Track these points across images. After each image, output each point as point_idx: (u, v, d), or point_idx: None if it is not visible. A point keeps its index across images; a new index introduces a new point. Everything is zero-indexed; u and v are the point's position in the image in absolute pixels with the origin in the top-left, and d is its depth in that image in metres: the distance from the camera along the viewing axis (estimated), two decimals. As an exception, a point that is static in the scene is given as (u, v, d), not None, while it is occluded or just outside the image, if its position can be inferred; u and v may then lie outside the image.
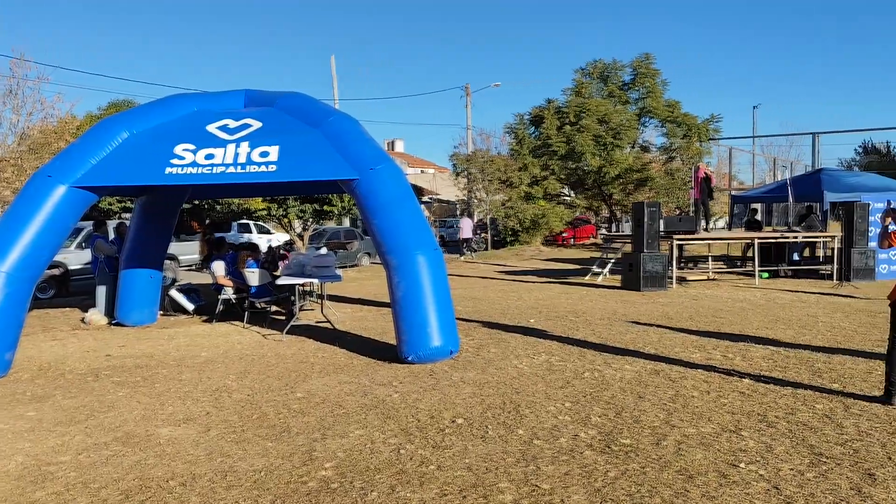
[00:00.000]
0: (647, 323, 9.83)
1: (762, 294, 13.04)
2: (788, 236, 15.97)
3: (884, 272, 15.26)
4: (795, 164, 34.94)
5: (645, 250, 13.67)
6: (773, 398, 5.90)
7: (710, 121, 29.23)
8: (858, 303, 11.73)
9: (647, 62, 29.65)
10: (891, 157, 49.95)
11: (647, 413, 5.53)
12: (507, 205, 27.77)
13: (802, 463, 4.43)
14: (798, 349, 7.89)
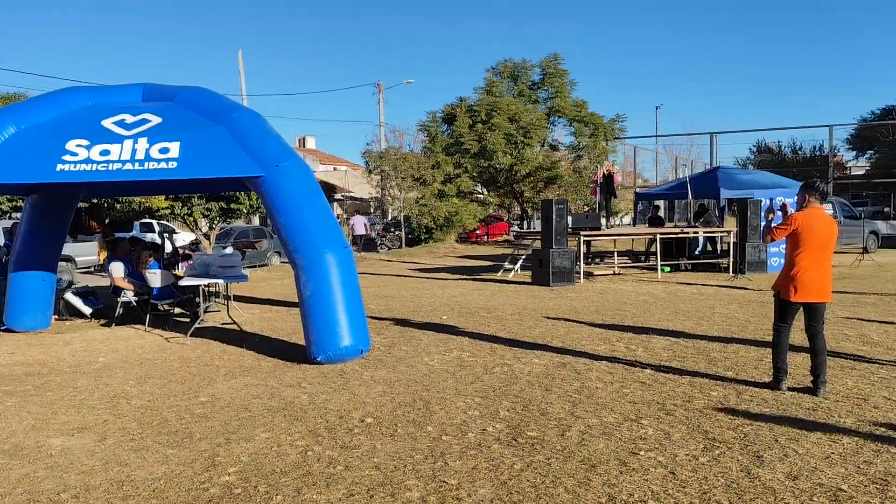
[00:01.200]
0: (556, 317, 10.05)
1: (664, 287, 13.56)
2: (688, 232, 16.68)
3: (775, 265, 16.14)
4: (696, 163, 36.54)
5: (554, 247, 13.97)
6: (672, 387, 6.14)
7: (615, 120, 30.15)
8: (752, 294, 12.37)
9: (556, 62, 30.31)
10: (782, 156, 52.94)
11: (554, 405, 5.65)
12: (421, 202, 27.83)
13: (697, 448, 4.62)
14: (696, 339, 8.24)
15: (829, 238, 5.85)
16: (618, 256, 17.69)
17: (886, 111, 41.01)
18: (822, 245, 5.81)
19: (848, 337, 8.19)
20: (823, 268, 5.84)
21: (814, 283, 5.78)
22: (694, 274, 16.16)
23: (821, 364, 5.84)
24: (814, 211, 5.89)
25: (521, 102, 29.53)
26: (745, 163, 51.20)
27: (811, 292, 5.80)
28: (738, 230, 16.00)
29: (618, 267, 16.89)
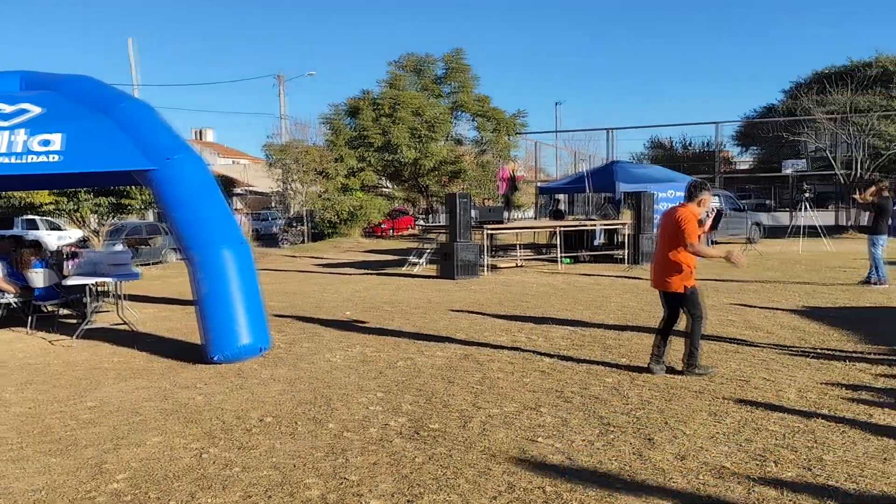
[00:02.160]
0: (460, 310, 10.14)
1: (564, 278, 13.93)
2: (587, 224, 17.20)
3: (667, 255, 16.88)
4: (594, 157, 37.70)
5: (459, 240, 14.09)
6: (569, 375, 6.31)
7: (517, 116, 30.72)
8: (646, 284, 12.85)
9: (459, 57, 30.54)
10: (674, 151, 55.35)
11: (456, 397, 5.69)
12: (325, 196, 27.44)
13: (593, 433, 4.77)
14: (593, 328, 8.51)
15: (663, 229, 6.16)
16: (521, 249, 18.03)
17: (768, 109, 43.52)
18: (661, 236, 6.20)
19: (732, 322, 8.66)
20: (658, 258, 6.21)
21: (652, 272, 6.38)
22: (593, 265, 16.67)
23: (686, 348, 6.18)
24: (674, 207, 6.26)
25: (425, 96, 29.60)
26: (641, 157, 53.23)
27: (652, 280, 6.38)
28: (633, 222, 16.62)
29: (521, 259, 17.22)
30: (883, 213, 11.73)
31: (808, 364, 6.55)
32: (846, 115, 28.56)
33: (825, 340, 7.58)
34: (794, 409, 5.20)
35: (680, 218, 5.94)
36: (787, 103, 36.60)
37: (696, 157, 50.67)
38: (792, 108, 33.51)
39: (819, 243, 20.15)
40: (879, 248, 11.62)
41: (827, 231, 22.13)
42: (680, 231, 5.90)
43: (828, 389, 5.68)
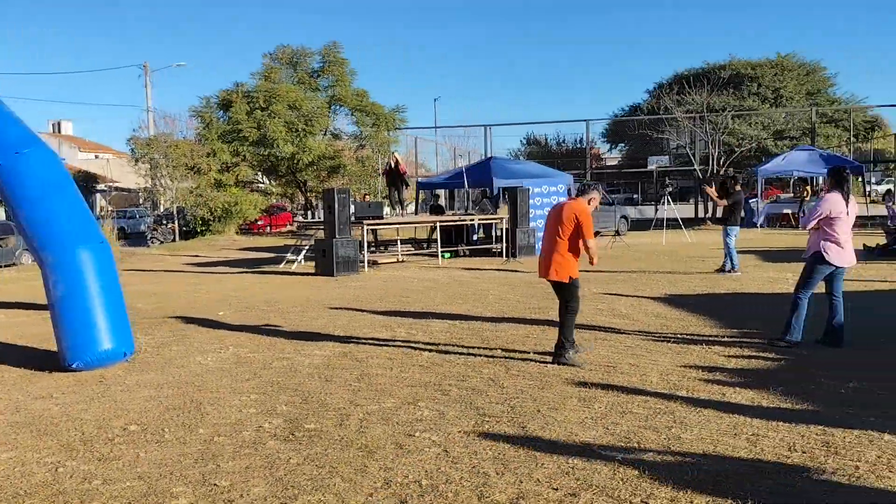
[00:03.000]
0: (339, 307, 10.02)
1: (444, 273, 14.09)
2: (466, 219, 17.46)
3: (542, 248, 17.43)
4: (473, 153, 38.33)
5: (337, 236, 13.92)
6: (448, 368, 6.38)
7: (396, 111, 30.70)
8: (522, 276, 13.24)
9: (335, 50, 30.17)
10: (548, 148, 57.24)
11: (333, 395, 5.62)
12: (196, 192, 26.34)
13: (469, 424, 4.84)
14: (472, 321, 8.65)
15: (554, 222, 6.43)
16: (401, 244, 18.06)
17: (634, 108, 45.86)
18: (551, 228, 6.47)
19: (601, 311, 9.06)
20: (548, 249, 6.46)
21: (540, 263, 6.58)
22: (472, 259, 16.96)
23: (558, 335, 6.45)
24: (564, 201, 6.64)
25: (301, 90, 29.02)
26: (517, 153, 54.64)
27: (540, 271, 6.58)
28: (510, 217, 17.02)
29: (401, 255, 17.24)
30: (735, 206, 12.63)
31: (670, 349, 6.95)
32: (703, 115, 30.56)
33: (685, 326, 8.07)
34: (656, 391, 5.50)
35: (579, 213, 6.27)
36: (651, 103, 38.73)
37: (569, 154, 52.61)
38: (655, 108, 35.53)
39: (680, 235, 21.43)
40: (732, 238, 12.51)
41: (687, 223, 23.59)
42: (579, 225, 6.25)
43: (687, 372, 6.05)
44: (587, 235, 6.27)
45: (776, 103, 39.51)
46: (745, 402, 5.20)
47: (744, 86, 39.87)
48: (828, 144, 37.17)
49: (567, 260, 6.31)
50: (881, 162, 44.62)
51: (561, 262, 6.32)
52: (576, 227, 6.25)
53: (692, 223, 26.96)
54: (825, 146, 35.63)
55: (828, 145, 36.76)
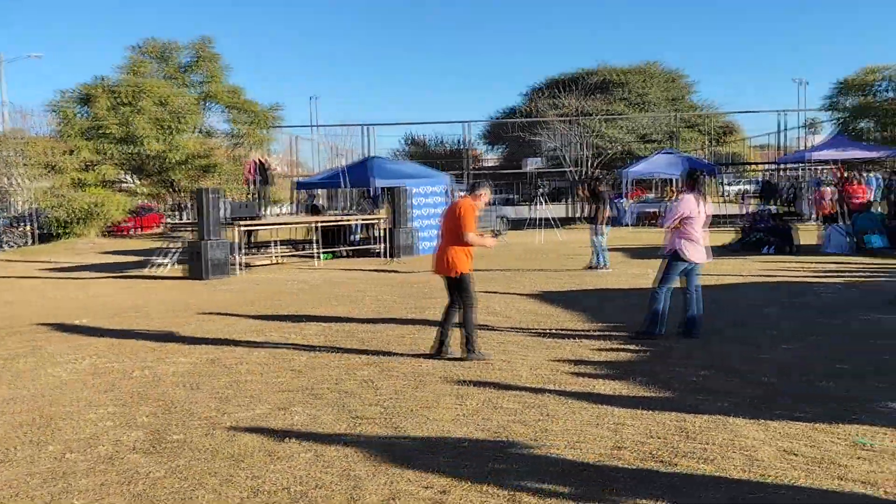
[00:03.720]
0: (210, 312, 9.65)
1: (322, 274, 13.88)
2: (345, 219, 17.28)
3: (423, 248, 17.53)
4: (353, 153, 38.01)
5: (208, 238, 13.40)
6: (322, 372, 6.27)
7: (272, 109, 29.91)
8: (402, 276, 13.26)
9: (207, 45, 29.02)
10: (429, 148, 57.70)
11: (200, 404, 5.39)
12: (54, 193, 24.57)
13: (343, 428, 4.78)
14: (348, 322, 8.56)
15: (448, 220, 6.65)
16: (278, 246, 17.63)
17: (511, 111, 47.07)
18: (445, 226, 6.67)
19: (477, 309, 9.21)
20: (442, 246, 6.64)
21: (435, 260, 6.74)
22: (352, 260, 16.81)
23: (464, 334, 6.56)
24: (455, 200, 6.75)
25: (170, 85, 27.71)
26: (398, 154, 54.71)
27: (434, 268, 6.75)
28: (390, 217, 17.00)
29: (278, 256, 16.84)
30: (603, 206, 13.20)
31: (541, 344, 7.16)
32: (575, 118, 31.78)
33: (556, 322, 8.34)
34: (527, 386, 5.65)
35: (461, 209, 6.47)
36: (527, 106, 39.87)
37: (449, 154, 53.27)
38: (530, 111, 36.58)
39: (554, 234, 22.17)
40: (603, 236, 13.07)
41: (561, 222, 24.44)
42: (460, 221, 6.42)
43: (557, 366, 6.25)
44: (466, 228, 6.43)
45: (642, 108, 41.71)
46: (610, 392, 5.43)
47: (613, 91, 41.84)
48: (688, 148, 39.64)
49: (458, 255, 6.49)
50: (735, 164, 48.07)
51: (453, 258, 6.50)
52: (460, 224, 6.45)
53: (566, 222, 27.97)
54: (686, 149, 37.98)
55: (688, 148, 39.21)
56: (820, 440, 4.29)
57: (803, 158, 27.51)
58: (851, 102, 27.56)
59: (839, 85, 28.05)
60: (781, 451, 4.13)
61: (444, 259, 6.57)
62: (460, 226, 6.44)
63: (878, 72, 26.58)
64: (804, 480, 3.72)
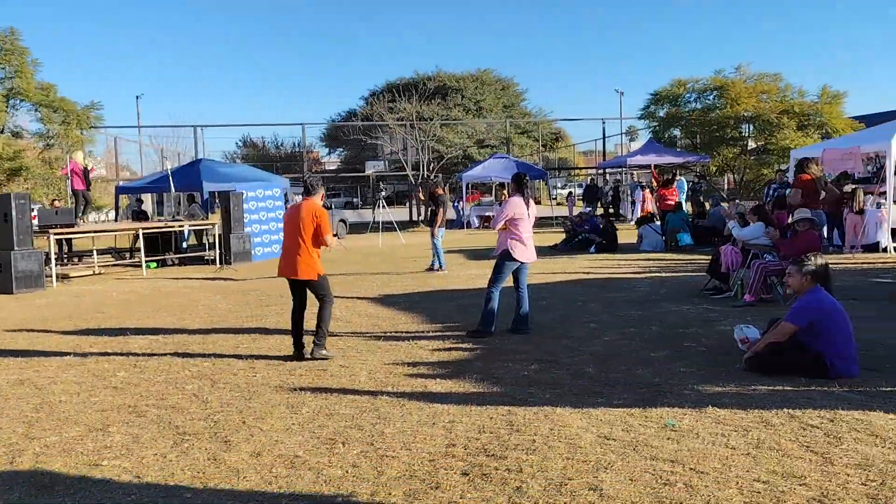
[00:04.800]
0: (18, 329, 8.79)
1: (149, 284, 13.07)
2: (174, 225, 16.40)
3: (258, 254, 17.03)
4: (183, 155, 36.20)
5: (16, 248, 12.20)
6: (146, 388, 5.90)
7: (90, 108, 27.79)
8: (236, 284, 12.78)
9: (13, 38, 26.43)
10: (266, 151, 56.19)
11: (5, 430, 4.89)
12: None
13: (167, 445, 4.52)
14: (177, 334, 8.12)
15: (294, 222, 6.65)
16: (98, 255, 16.40)
17: (350, 114, 46.85)
18: (291, 228, 6.69)
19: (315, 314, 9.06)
20: (291, 249, 6.63)
21: (282, 263, 6.73)
22: (182, 268, 15.98)
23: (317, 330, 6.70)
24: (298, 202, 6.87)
25: (-31, 80, 24.98)
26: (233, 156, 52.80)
27: (281, 270, 6.74)
28: (223, 222, 16.35)
29: (98, 266, 15.67)
30: (440, 208, 13.47)
31: (380, 347, 7.17)
32: (413, 122, 32.21)
33: (395, 324, 8.39)
34: (364, 390, 5.63)
35: (318, 214, 6.59)
36: (366, 109, 39.88)
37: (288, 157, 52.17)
38: (370, 114, 36.61)
39: (396, 237, 22.33)
40: (439, 239, 13.33)
41: (402, 226, 24.69)
42: (319, 224, 6.55)
43: (393, 368, 6.28)
44: (326, 232, 6.61)
45: (478, 114, 43.07)
46: (444, 391, 5.53)
47: (450, 96, 42.86)
48: (521, 153, 41.45)
49: (313, 258, 6.60)
50: (564, 169, 50.88)
51: (308, 261, 6.56)
52: (316, 226, 6.56)
53: (407, 225, 28.28)
54: (519, 154, 39.69)
55: (521, 154, 41.00)
56: (634, 424, 4.62)
57: (623, 163, 29.65)
58: (663, 112, 29.99)
59: (653, 96, 30.44)
60: (600, 437, 4.40)
61: (297, 262, 6.56)
62: (319, 228, 6.55)
63: (685, 84, 29.12)
64: (620, 463, 3.99)
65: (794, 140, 23.91)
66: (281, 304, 10.13)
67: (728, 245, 9.72)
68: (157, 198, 27.81)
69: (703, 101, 28.43)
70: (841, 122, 24.94)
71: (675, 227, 16.30)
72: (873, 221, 13.66)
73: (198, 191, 17.73)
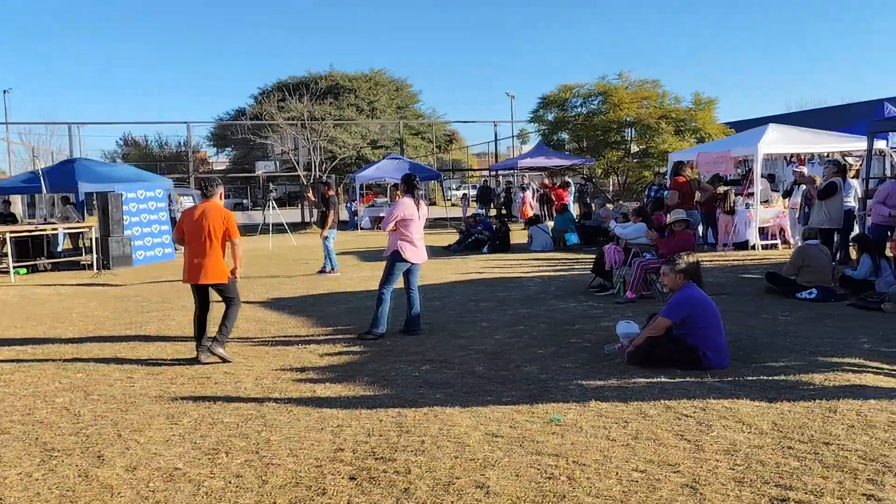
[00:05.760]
0: None
1: (17, 292, 12.20)
2: (46, 228, 15.39)
3: (140, 258, 16.23)
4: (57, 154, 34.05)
5: None
6: (11, 402, 5.50)
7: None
8: (115, 290, 12.13)
9: None
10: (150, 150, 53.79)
11: None
12: None
13: (33, 464, 4.22)
14: (48, 344, 7.62)
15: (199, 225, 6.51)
16: (-40, 261, 15.14)
17: (239, 112, 45.53)
18: (189, 235, 6.58)
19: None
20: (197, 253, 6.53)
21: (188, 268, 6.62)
22: (55, 274, 15.00)
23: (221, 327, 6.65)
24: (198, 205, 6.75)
25: None
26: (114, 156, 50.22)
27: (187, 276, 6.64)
28: (100, 225, 15.47)
29: (-41, 273, 14.45)
30: (330, 210, 13.28)
31: (267, 353, 6.99)
32: (304, 122, 31.66)
33: (284, 329, 8.20)
34: (250, 397, 5.47)
35: (226, 216, 6.58)
36: (256, 108, 38.89)
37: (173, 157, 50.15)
38: (259, 113, 35.70)
39: (287, 239, 21.86)
40: (330, 240, 13.15)
41: (294, 227, 24.20)
42: (228, 226, 6.52)
43: (281, 374, 6.14)
44: (236, 235, 6.58)
45: (372, 115, 42.90)
46: (333, 395, 5.45)
47: (343, 96, 42.46)
48: (415, 154, 41.60)
49: (223, 261, 6.57)
50: (458, 170, 51.50)
51: (218, 265, 6.53)
52: (225, 229, 6.51)
53: (299, 227, 27.75)
54: (413, 156, 39.83)
55: (415, 155, 41.15)
56: (521, 421, 4.71)
57: (514, 165, 30.30)
58: (552, 116, 30.87)
59: (542, 100, 31.28)
60: (488, 435, 4.46)
61: (206, 266, 6.49)
62: (229, 230, 6.51)
63: (572, 89, 30.09)
64: (506, 460, 4.05)
65: (672, 144, 25.17)
66: (163, 309, 9.71)
67: (611, 244, 10.12)
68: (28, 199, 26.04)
69: (589, 106, 29.45)
70: (714, 128, 26.48)
71: (562, 227, 16.81)
72: (743, 221, 14.61)
73: (72, 191, 16.71)
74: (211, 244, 6.49)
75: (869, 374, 5.51)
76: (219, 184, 6.86)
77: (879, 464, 3.83)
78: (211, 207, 6.58)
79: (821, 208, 11.03)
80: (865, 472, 3.73)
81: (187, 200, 22.35)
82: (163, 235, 17.24)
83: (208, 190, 6.71)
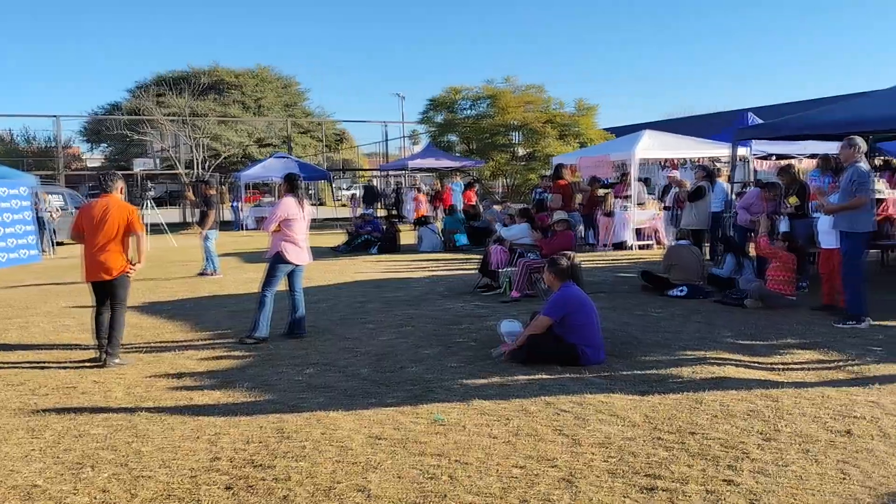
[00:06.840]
0: None
1: None
2: None
3: (3, 261, 15.08)
4: None
5: None
6: None
7: None
8: (-29, 294, 11.19)
9: None
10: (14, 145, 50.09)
11: None
12: None
13: None
14: None
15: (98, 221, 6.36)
16: None
17: (114, 107, 43.15)
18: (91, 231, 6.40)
19: (68, 327, 8.24)
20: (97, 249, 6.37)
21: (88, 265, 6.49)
22: None
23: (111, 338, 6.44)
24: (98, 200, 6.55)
25: None
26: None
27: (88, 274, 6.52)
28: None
29: None
30: (211, 209, 12.82)
31: (140, 359, 6.65)
32: (186, 118, 30.42)
33: (159, 334, 7.84)
34: (120, 407, 5.18)
35: (130, 211, 6.47)
36: (132, 102, 37.02)
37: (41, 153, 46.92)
38: (136, 108, 33.98)
39: (166, 240, 20.92)
40: (211, 241, 12.69)
41: (173, 227, 23.19)
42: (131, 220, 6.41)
43: (154, 382, 5.85)
44: (140, 227, 6.48)
45: (258, 112, 41.76)
46: (211, 402, 5.26)
47: (227, 93, 41.11)
48: (304, 153, 40.85)
49: (122, 256, 6.45)
50: (348, 170, 51.00)
51: (119, 259, 6.43)
52: (128, 223, 6.40)
53: (180, 227, 26.62)
54: (301, 154, 39.09)
55: (304, 154, 40.41)
56: (405, 422, 4.71)
57: (405, 166, 30.36)
58: (441, 118, 31.15)
59: (430, 102, 31.49)
60: (371, 438, 4.43)
61: (109, 262, 6.38)
62: (132, 225, 6.41)
63: (459, 92, 30.47)
64: (389, 462, 4.04)
65: (556, 148, 25.99)
66: (26, 315, 9.07)
67: (496, 244, 10.31)
68: None
69: (477, 109, 29.93)
70: (594, 133, 27.56)
71: (451, 228, 16.98)
72: (621, 222, 15.27)
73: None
74: (115, 240, 6.40)
75: (730, 367, 5.88)
76: (119, 178, 6.74)
77: (738, 451, 4.09)
78: (113, 202, 6.48)
79: (690, 210, 11.71)
80: (726, 459, 3.97)
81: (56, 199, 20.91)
82: (27, 236, 16.08)
83: (108, 184, 6.60)
